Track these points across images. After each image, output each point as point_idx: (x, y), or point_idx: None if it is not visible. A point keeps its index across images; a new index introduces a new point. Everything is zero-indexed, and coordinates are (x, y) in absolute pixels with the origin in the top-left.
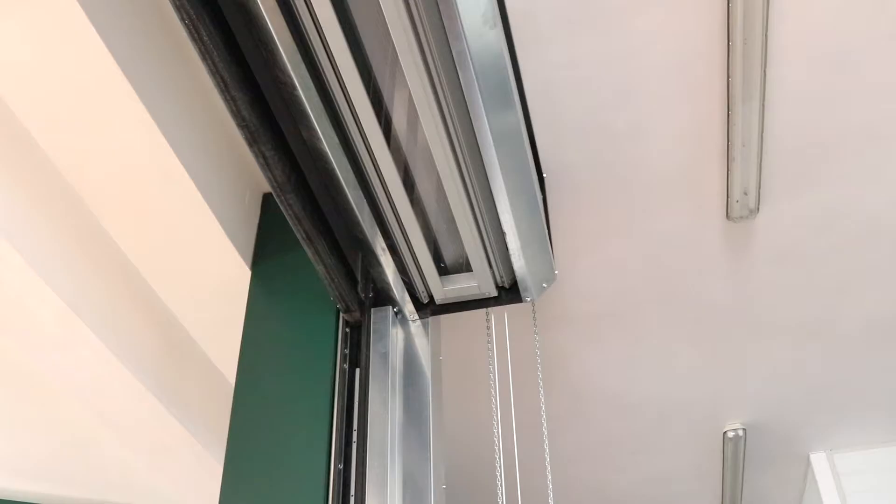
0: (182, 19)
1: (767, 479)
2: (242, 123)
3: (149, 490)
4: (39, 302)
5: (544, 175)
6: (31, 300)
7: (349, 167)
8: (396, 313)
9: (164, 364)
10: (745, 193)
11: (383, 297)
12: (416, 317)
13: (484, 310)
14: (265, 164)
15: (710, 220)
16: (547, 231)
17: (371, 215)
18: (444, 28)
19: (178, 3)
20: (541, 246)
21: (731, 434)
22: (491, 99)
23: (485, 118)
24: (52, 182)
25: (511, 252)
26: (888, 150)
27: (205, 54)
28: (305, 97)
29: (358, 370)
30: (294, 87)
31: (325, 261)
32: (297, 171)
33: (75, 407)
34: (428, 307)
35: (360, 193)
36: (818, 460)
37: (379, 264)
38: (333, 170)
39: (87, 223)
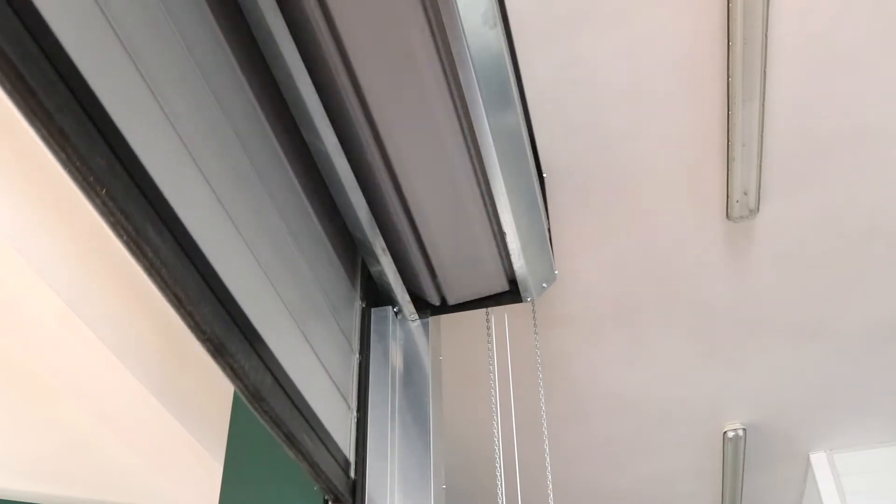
0: (120, 236)
1: (767, 479)
2: (204, 337)
3: (149, 490)
4: (39, 302)
5: (544, 175)
6: (31, 300)
7: (349, 168)
8: (396, 313)
9: (164, 364)
10: (745, 193)
11: (383, 298)
12: (416, 317)
13: (484, 310)
14: (234, 376)
15: (710, 220)
16: (547, 231)
17: (370, 215)
18: (443, 28)
19: (112, 220)
20: (541, 246)
21: (731, 434)
22: (491, 99)
23: (485, 118)
24: (52, 182)
25: (511, 252)
26: (888, 150)
27: (151, 271)
28: (305, 97)
29: (358, 369)
30: (295, 88)
31: (310, 458)
32: (271, 368)
33: (75, 407)
34: (428, 307)
35: (361, 194)
36: (818, 460)
37: (379, 264)
38: (334, 171)
39: (87, 223)
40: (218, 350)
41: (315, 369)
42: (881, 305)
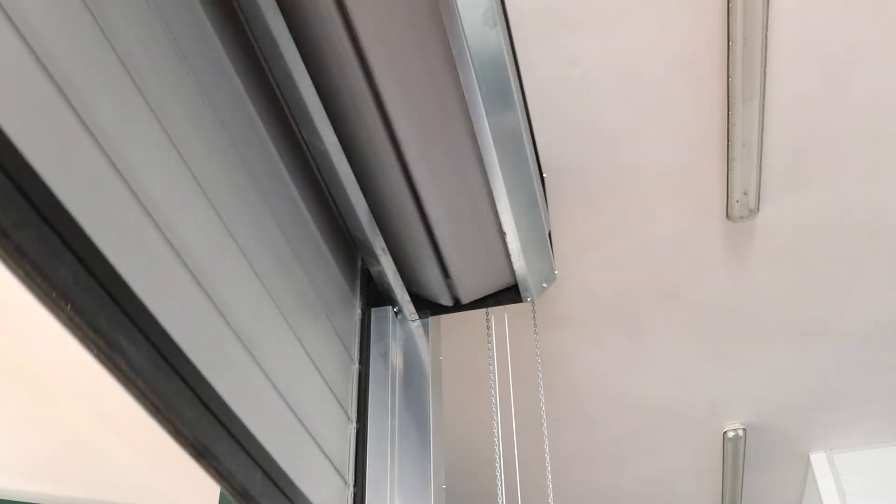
0: (90, 349)
1: (767, 479)
2: (185, 442)
3: (149, 490)
4: (39, 301)
5: (544, 175)
6: (31, 300)
7: (349, 168)
8: (396, 313)
9: None
10: (745, 193)
11: (383, 298)
12: (416, 317)
13: (484, 310)
14: (219, 478)
15: (710, 220)
16: (547, 231)
17: (370, 215)
18: (443, 27)
19: (79, 334)
20: (541, 246)
21: (731, 434)
22: (491, 99)
23: (485, 118)
24: None
25: (511, 252)
26: (888, 151)
27: (126, 383)
28: (305, 96)
29: (358, 369)
30: (294, 88)
31: None
32: (262, 464)
33: (75, 407)
34: (428, 307)
35: (361, 194)
36: (818, 460)
37: (379, 264)
38: (334, 171)
39: None
40: (201, 454)
41: (310, 451)
42: (881, 305)
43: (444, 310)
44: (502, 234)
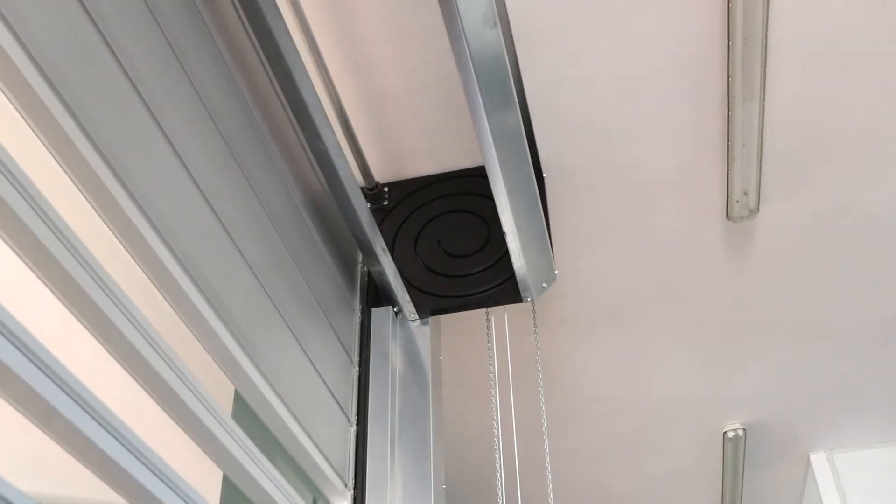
0: None
1: (767, 479)
2: None
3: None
4: (40, 302)
5: (544, 175)
6: (31, 300)
7: (348, 168)
8: (396, 313)
9: None
10: (745, 193)
11: (383, 298)
12: (416, 317)
13: (484, 310)
14: None
15: (710, 220)
16: (547, 231)
17: (370, 215)
18: (444, 28)
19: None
20: (541, 246)
21: (731, 434)
22: (491, 99)
23: (485, 118)
24: (53, 181)
25: (511, 252)
26: (888, 150)
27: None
28: (306, 98)
29: (358, 370)
30: (295, 89)
31: None
32: None
33: None
34: (428, 307)
35: (361, 194)
36: (818, 460)
37: (379, 264)
38: (334, 171)
39: (87, 222)
40: None
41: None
42: (881, 305)
43: (443, 310)
44: (502, 234)
